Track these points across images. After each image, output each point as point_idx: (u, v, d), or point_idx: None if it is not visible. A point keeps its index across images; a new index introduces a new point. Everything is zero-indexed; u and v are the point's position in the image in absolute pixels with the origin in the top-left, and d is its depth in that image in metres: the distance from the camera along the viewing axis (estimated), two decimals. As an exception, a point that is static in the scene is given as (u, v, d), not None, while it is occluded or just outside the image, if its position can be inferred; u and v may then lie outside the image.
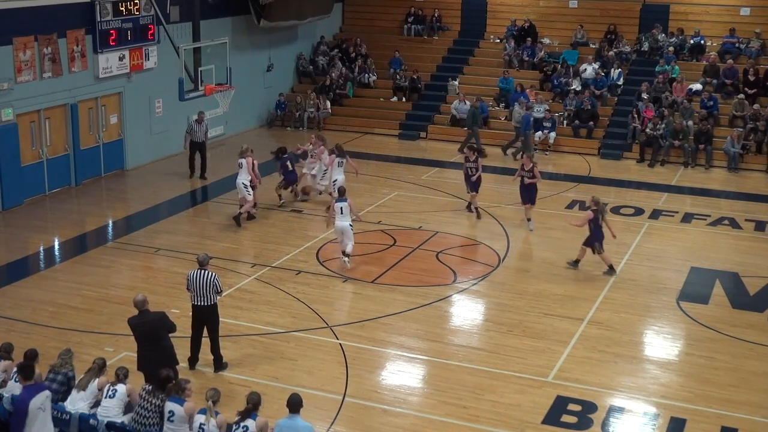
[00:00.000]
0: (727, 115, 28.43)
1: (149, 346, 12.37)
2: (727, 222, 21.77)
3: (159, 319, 12.52)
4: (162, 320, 12.53)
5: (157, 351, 12.27)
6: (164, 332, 12.51)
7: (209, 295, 13.48)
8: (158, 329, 12.43)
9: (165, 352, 12.37)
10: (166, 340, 12.48)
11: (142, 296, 12.56)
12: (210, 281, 13.44)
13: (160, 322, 12.49)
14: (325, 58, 33.46)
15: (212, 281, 13.45)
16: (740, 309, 16.74)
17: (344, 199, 18.30)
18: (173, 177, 25.02)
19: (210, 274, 13.50)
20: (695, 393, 13.60)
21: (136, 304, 12.48)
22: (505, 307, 16.61)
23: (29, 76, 21.80)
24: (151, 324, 12.42)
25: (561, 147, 28.83)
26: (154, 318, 12.49)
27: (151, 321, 12.45)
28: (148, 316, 12.46)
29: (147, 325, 12.40)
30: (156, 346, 12.34)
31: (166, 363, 11.92)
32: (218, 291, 13.58)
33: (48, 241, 20.04)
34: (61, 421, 11.07)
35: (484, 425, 12.57)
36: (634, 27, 32.68)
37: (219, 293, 13.64)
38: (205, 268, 13.53)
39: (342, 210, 18.05)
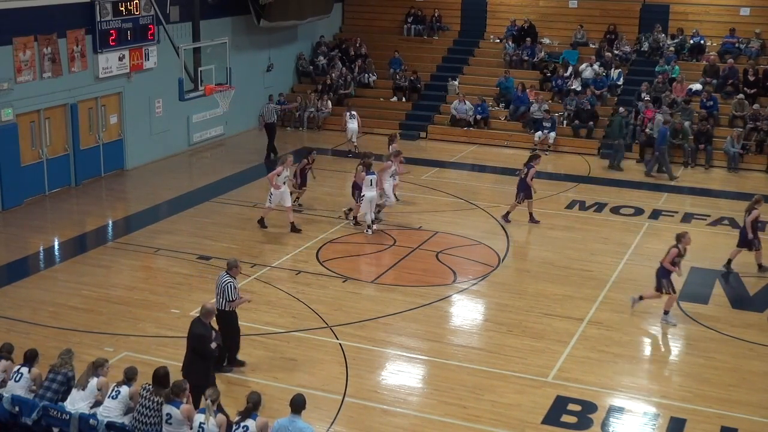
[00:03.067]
0: (727, 115, 28.44)
1: (190, 354, 12.17)
2: (727, 222, 21.77)
3: (197, 338, 12.07)
4: (198, 341, 12.05)
5: (194, 363, 12.05)
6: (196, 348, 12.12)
7: (221, 300, 13.44)
8: (192, 344, 12.11)
9: (199, 367, 11.99)
10: (204, 360, 12.06)
11: (210, 306, 12.33)
12: (222, 287, 13.42)
13: (197, 341, 12.06)
14: (324, 59, 33.46)
15: (224, 287, 13.41)
16: (740, 309, 16.75)
17: (373, 172, 20.33)
18: (173, 177, 25.04)
19: (226, 279, 13.46)
20: (695, 393, 13.60)
21: (200, 309, 12.27)
22: (505, 307, 16.62)
23: (29, 76, 21.80)
24: (191, 337, 12.14)
25: (561, 147, 28.84)
26: (195, 334, 12.11)
27: (192, 335, 12.13)
28: (194, 329, 12.16)
29: (189, 335, 12.20)
30: (195, 358, 12.08)
31: (196, 378, 11.71)
32: (229, 299, 13.41)
33: (48, 241, 20.04)
34: (61, 421, 11.08)
35: (484, 425, 12.57)
36: (634, 27, 32.69)
37: (230, 301, 13.42)
38: (227, 273, 13.51)
39: (372, 182, 20.15)
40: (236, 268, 13.66)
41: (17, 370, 11.68)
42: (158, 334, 15.09)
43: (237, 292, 13.54)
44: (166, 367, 11.22)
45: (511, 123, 30.03)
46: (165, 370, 11.13)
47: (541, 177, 25.52)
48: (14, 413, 11.33)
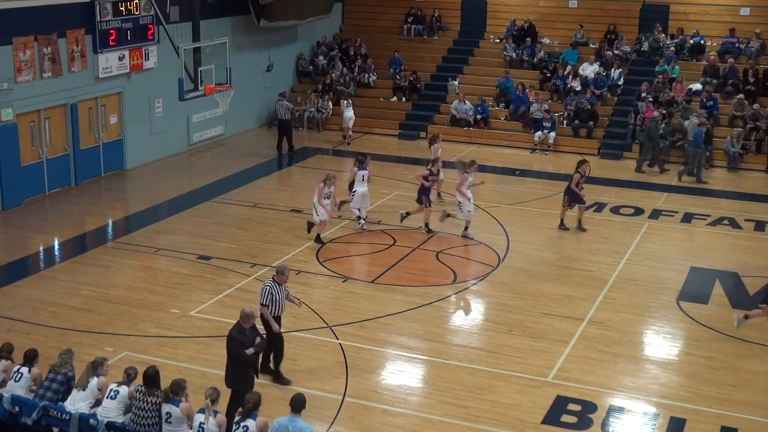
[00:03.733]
0: (726, 115, 28.44)
1: (229, 358, 11.96)
2: (727, 222, 21.78)
3: (230, 341, 11.88)
4: (231, 344, 11.86)
5: (231, 368, 11.90)
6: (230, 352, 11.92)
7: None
8: (231, 349, 11.88)
9: (238, 372, 11.84)
10: (243, 365, 11.86)
11: (248, 310, 12.09)
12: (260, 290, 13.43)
13: (230, 344, 11.87)
14: (324, 59, 33.46)
15: (260, 290, 13.41)
16: (740, 309, 16.72)
17: (365, 167, 20.48)
18: (173, 177, 25.05)
19: (265, 283, 13.42)
20: (695, 393, 13.60)
21: (243, 315, 12.03)
22: (505, 307, 16.61)
23: (29, 76, 21.80)
24: (227, 341, 11.97)
25: (561, 147, 28.84)
26: (230, 338, 11.92)
27: (228, 339, 11.95)
28: (231, 333, 11.97)
29: (227, 339, 12.01)
30: (232, 362, 11.89)
31: (235, 383, 11.68)
32: (260, 302, 13.28)
33: (48, 241, 20.04)
34: (61, 421, 11.08)
35: (483, 425, 12.57)
36: (634, 27, 32.69)
37: (261, 304, 13.23)
38: (272, 277, 13.44)
39: (363, 177, 20.34)
40: (281, 274, 13.31)
41: (17, 370, 11.68)
42: (158, 334, 15.09)
43: (267, 297, 13.17)
44: (156, 367, 11.20)
45: (511, 123, 30.03)
46: (154, 369, 11.11)
47: (541, 177, 25.63)
48: (14, 413, 11.32)
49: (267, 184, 24.94)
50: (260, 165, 26.60)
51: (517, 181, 25.45)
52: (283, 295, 13.40)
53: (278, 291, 13.29)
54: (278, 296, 13.28)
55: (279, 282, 13.31)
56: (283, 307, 13.50)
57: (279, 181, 25.72)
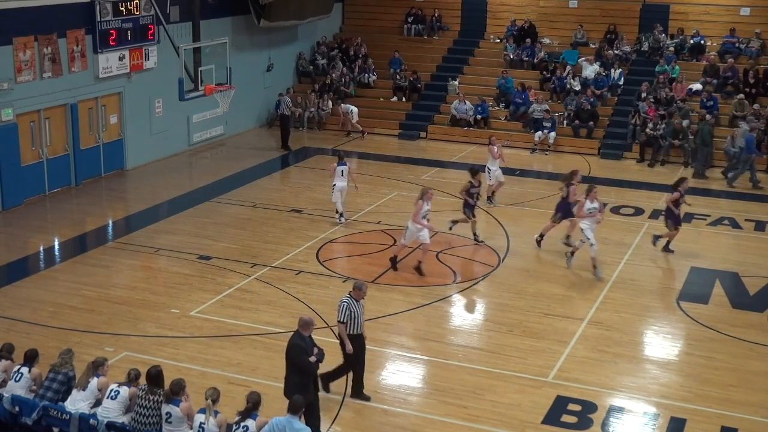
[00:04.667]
0: (727, 115, 28.44)
1: (288, 367, 11.70)
2: (727, 222, 21.78)
3: (291, 349, 11.61)
4: (292, 352, 11.60)
5: (291, 376, 11.64)
6: (289, 359, 11.68)
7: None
8: (291, 358, 11.64)
9: (297, 381, 11.56)
10: (303, 374, 11.60)
11: (307, 318, 11.75)
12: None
13: (291, 352, 11.60)
14: (324, 59, 33.47)
15: (337, 305, 12.85)
16: (740, 309, 16.74)
17: (344, 162, 20.78)
18: (173, 177, 25.05)
19: (342, 299, 12.80)
20: (695, 393, 13.60)
21: (301, 323, 11.73)
22: (505, 307, 16.61)
23: (29, 76, 21.80)
24: (288, 349, 11.67)
25: (561, 147, 28.84)
26: (290, 345, 11.64)
27: (288, 347, 11.66)
28: (291, 340, 11.68)
29: (287, 348, 11.70)
30: (291, 371, 11.65)
31: (294, 392, 11.34)
32: (338, 319, 12.75)
33: (48, 241, 20.04)
34: (61, 421, 11.08)
35: (484, 425, 12.57)
36: (634, 27, 32.69)
37: (338, 321, 12.73)
38: (349, 294, 12.87)
39: (342, 172, 20.56)
40: (358, 290, 12.73)
41: (17, 370, 11.68)
42: (158, 334, 15.09)
43: (345, 314, 12.58)
44: (159, 366, 11.22)
45: (512, 123, 30.03)
46: (157, 369, 11.12)
47: (541, 177, 25.64)
48: (14, 413, 11.32)
49: (267, 184, 24.94)
50: (260, 165, 26.60)
51: (518, 181, 25.43)
52: (361, 311, 12.75)
53: (356, 307, 12.65)
54: (357, 313, 12.65)
55: (356, 298, 12.69)
56: (362, 324, 12.83)
57: (279, 181, 25.72)
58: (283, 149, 28.24)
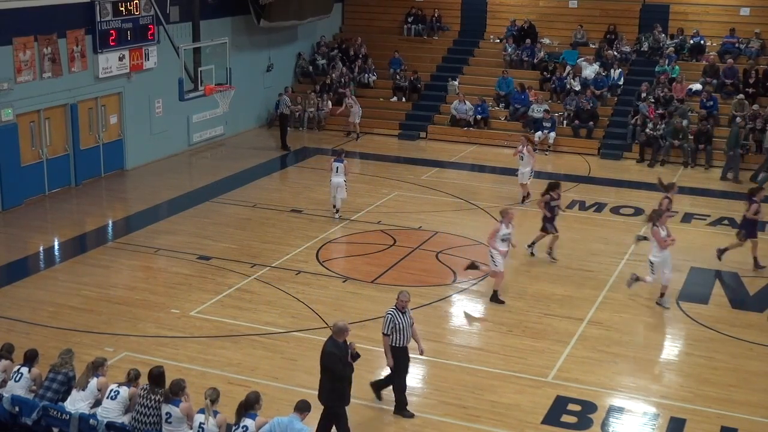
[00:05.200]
0: (726, 115, 28.44)
1: (323, 374, 11.53)
2: (727, 222, 21.77)
3: (325, 355, 11.43)
4: (326, 358, 11.41)
5: (327, 383, 11.47)
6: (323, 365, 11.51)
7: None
8: (327, 364, 11.46)
9: (332, 388, 11.42)
10: (338, 380, 11.42)
11: (341, 324, 11.50)
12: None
13: (325, 359, 11.42)
14: (324, 59, 33.47)
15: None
16: (740, 309, 16.76)
17: (340, 159, 21.03)
18: (173, 177, 25.06)
19: (387, 311, 12.63)
20: (695, 393, 13.60)
21: (332, 328, 11.62)
22: (505, 307, 16.61)
23: (29, 76, 21.80)
24: (323, 356, 11.48)
25: (561, 147, 28.84)
26: (324, 352, 11.45)
27: (324, 353, 11.46)
28: (325, 347, 11.47)
29: (321, 354, 11.53)
30: (327, 378, 11.48)
31: (329, 399, 11.42)
32: (382, 331, 12.51)
33: (48, 241, 20.04)
34: (61, 421, 11.08)
35: (483, 425, 12.57)
36: (634, 27, 32.70)
37: (383, 334, 12.48)
38: (394, 305, 12.62)
39: (337, 169, 20.82)
40: (400, 300, 12.46)
41: (17, 370, 11.69)
42: (158, 334, 15.09)
43: (389, 326, 12.33)
44: (161, 367, 11.23)
45: (511, 123, 30.04)
46: (159, 369, 11.13)
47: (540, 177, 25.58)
48: (14, 413, 11.32)
49: (267, 184, 24.94)
50: (260, 165, 26.61)
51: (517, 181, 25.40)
52: (407, 323, 12.43)
53: (401, 319, 12.38)
54: (402, 325, 12.37)
55: (400, 309, 12.44)
56: (409, 337, 12.54)
57: (279, 182, 25.73)
58: (283, 149, 28.25)
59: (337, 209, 21.31)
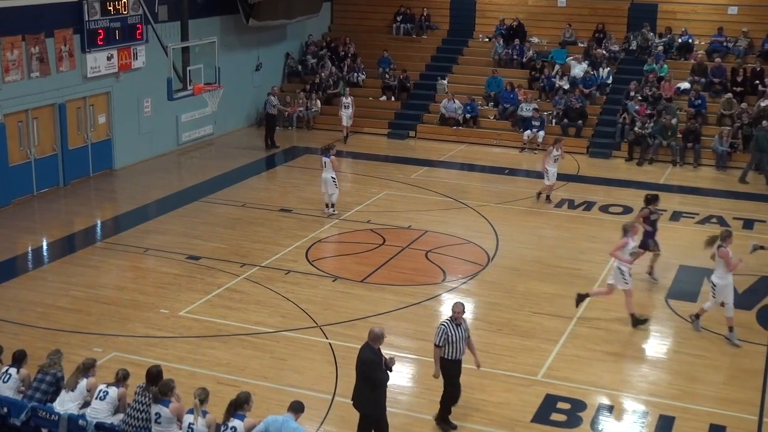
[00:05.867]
0: (715, 114, 28.55)
1: (362, 382, 11.33)
2: (716, 220, 21.84)
3: (365, 363, 11.22)
4: (366, 366, 11.20)
5: (364, 390, 11.30)
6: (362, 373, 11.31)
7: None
8: (360, 369, 11.30)
9: (369, 395, 11.29)
10: (376, 388, 11.26)
11: (378, 330, 11.26)
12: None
13: (365, 367, 11.21)
14: (314, 58, 33.44)
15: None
16: (729, 307, 16.76)
17: (328, 155, 21.05)
18: (162, 177, 25.00)
19: (441, 322, 12.33)
20: (684, 391, 13.64)
21: (368, 335, 11.32)
22: (495, 306, 16.63)
23: (17, 76, 21.72)
24: (360, 363, 11.28)
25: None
26: (363, 359, 11.23)
27: (361, 361, 11.26)
28: (363, 354, 11.25)
29: (358, 361, 11.32)
30: (366, 386, 11.28)
31: (367, 407, 11.31)
32: (435, 342, 12.15)
33: (36, 242, 19.97)
34: (49, 422, 11.04)
35: (474, 424, 12.58)
36: (623, 26, 32.79)
37: (435, 345, 12.15)
38: (449, 317, 12.26)
39: (325, 164, 20.91)
40: (455, 311, 12.10)
41: (6, 371, 11.64)
42: (147, 335, 15.05)
43: (442, 337, 11.97)
44: (159, 366, 11.21)
45: (500, 122, 30.07)
46: (158, 369, 11.11)
47: (530, 176, 25.67)
48: (3, 414, 11.28)
49: (256, 183, 24.91)
50: (249, 164, 26.57)
51: (507, 180, 25.50)
52: (461, 335, 12.11)
53: (455, 331, 12.05)
54: (456, 337, 12.04)
55: (455, 320, 12.09)
56: (463, 350, 12.22)
57: (268, 181, 25.70)
58: (269, 148, 28.17)
59: (328, 205, 21.30)
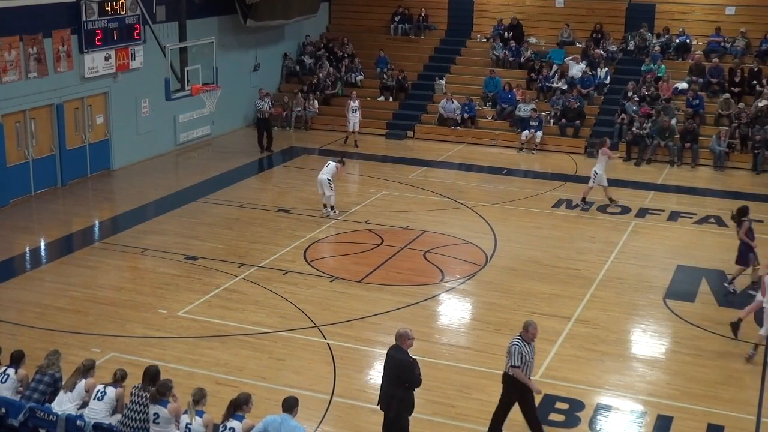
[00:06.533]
0: (713, 114, 28.57)
1: (389, 382, 11.27)
2: (713, 220, 21.85)
3: (402, 366, 11.16)
4: (403, 369, 11.14)
5: (396, 394, 11.21)
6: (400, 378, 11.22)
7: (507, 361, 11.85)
8: (397, 374, 11.21)
9: (405, 396, 11.20)
10: (407, 389, 11.22)
11: (402, 330, 11.26)
12: (508, 347, 11.83)
13: (401, 370, 11.16)
14: (311, 58, 33.43)
15: (509, 348, 11.75)
16: (726, 307, 16.79)
17: (335, 160, 21.52)
18: (160, 177, 24.99)
19: (514, 341, 11.74)
20: (682, 390, 13.65)
21: (397, 336, 11.29)
22: (493, 306, 16.64)
23: (14, 76, 21.71)
24: (394, 366, 11.20)
25: (547, 146, 28.89)
26: (399, 361, 11.17)
27: (396, 364, 11.18)
28: (396, 355, 11.20)
29: (389, 364, 11.26)
30: (396, 388, 11.21)
31: (401, 407, 11.21)
32: (512, 363, 11.65)
33: (34, 242, 19.95)
34: (47, 422, 11.03)
35: (472, 424, 12.58)
36: (620, 26, 32.81)
37: (512, 366, 11.67)
38: (519, 335, 11.80)
39: (328, 165, 21.15)
40: (526, 331, 11.71)
41: (3, 371, 11.63)
42: (145, 335, 15.05)
43: (518, 358, 11.54)
44: (157, 366, 11.20)
45: (498, 122, 30.08)
46: (157, 368, 11.11)
47: (528, 176, 25.70)
48: (1, 415, 11.27)
49: (254, 184, 24.92)
50: (247, 165, 26.56)
51: (505, 180, 25.51)
52: (533, 354, 11.78)
53: (528, 350, 11.67)
54: (528, 356, 11.68)
55: (527, 339, 11.70)
56: (533, 369, 11.98)
57: (266, 181, 25.69)
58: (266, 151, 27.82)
59: (326, 206, 21.30)
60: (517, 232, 20.85)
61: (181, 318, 15.77)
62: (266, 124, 28.05)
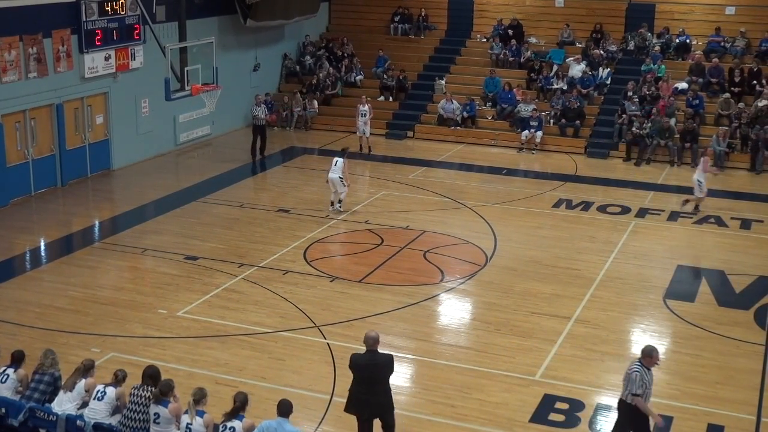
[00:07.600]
0: (713, 114, 28.57)
1: (368, 389, 11.15)
2: (713, 220, 21.86)
3: (389, 363, 11.19)
4: (390, 364, 11.21)
5: (377, 395, 11.15)
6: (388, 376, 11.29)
7: (625, 388, 11.20)
8: (386, 374, 11.20)
9: (386, 396, 11.25)
10: (387, 384, 11.29)
11: (375, 333, 11.20)
12: (627, 373, 11.23)
13: (388, 368, 11.18)
14: (311, 58, 33.43)
15: (629, 374, 11.14)
16: (726, 307, 16.80)
17: (341, 155, 21.58)
18: (160, 177, 24.99)
19: (633, 367, 11.15)
20: (682, 390, 13.65)
21: (367, 340, 11.17)
22: (493, 306, 16.64)
23: (14, 76, 21.71)
24: (381, 367, 11.14)
25: (547, 146, 28.89)
26: (384, 361, 11.16)
27: (382, 364, 11.14)
28: (379, 358, 11.13)
29: (376, 368, 11.12)
30: (377, 390, 11.16)
31: (386, 407, 11.22)
32: (632, 391, 11.01)
33: (34, 242, 19.96)
34: (47, 422, 11.03)
35: (471, 424, 12.58)
36: (620, 26, 32.79)
37: (633, 394, 11.01)
38: (639, 359, 11.32)
39: (336, 163, 21.27)
40: (649, 357, 11.14)
41: (3, 371, 11.62)
42: (145, 335, 15.05)
43: (640, 385, 10.94)
44: (157, 367, 11.20)
45: (498, 122, 30.08)
46: (155, 369, 11.10)
47: (528, 176, 25.72)
48: (1, 415, 11.27)
49: (254, 184, 24.92)
50: (247, 165, 26.56)
51: (505, 180, 25.51)
52: (652, 381, 11.21)
53: (648, 377, 11.09)
54: (648, 383, 11.09)
55: (648, 366, 11.15)
56: (650, 395, 11.30)
57: (266, 181, 25.68)
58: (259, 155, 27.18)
59: (334, 202, 21.51)
60: (517, 232, 20.85)
61: (181, 318, 15.78)
62: (262, 131, 27.30)
